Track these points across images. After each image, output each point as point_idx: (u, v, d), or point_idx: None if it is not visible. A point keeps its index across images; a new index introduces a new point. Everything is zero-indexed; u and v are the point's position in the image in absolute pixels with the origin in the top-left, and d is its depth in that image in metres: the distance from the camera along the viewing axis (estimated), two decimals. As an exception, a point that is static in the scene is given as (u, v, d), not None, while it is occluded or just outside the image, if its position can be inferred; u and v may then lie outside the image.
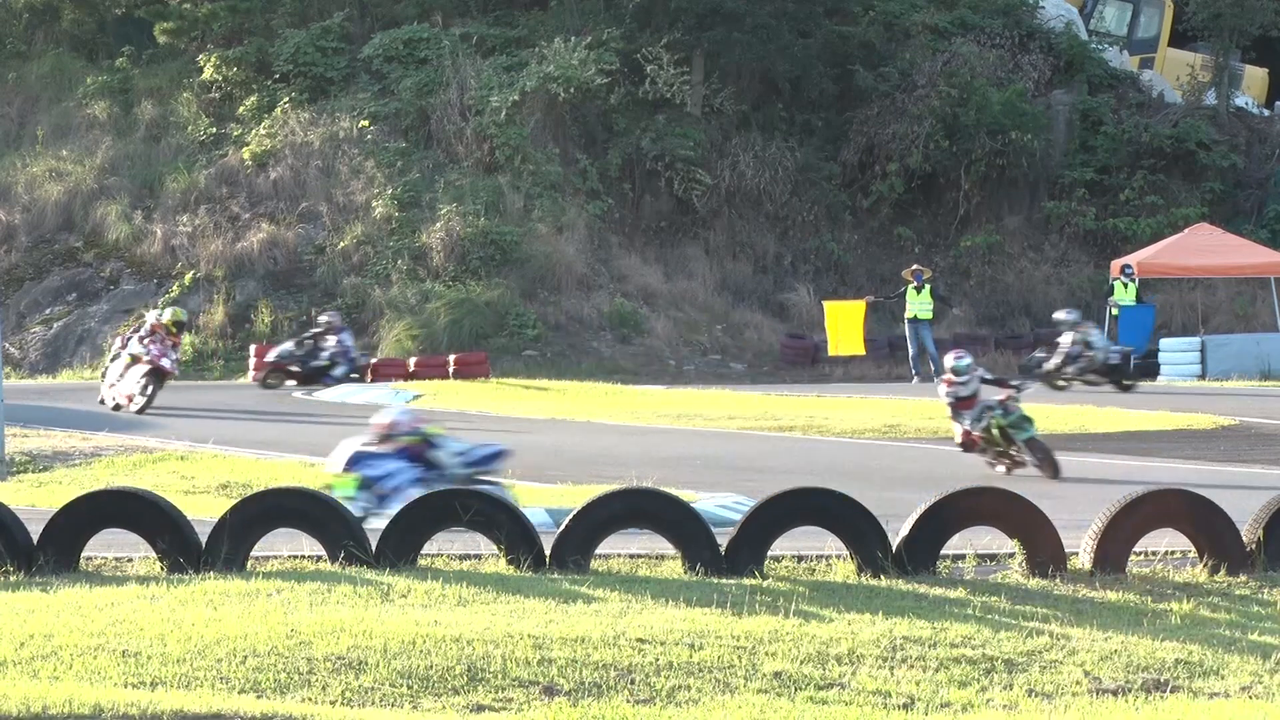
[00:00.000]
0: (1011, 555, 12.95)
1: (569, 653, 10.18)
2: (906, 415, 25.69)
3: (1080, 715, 9.48)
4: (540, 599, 11.56)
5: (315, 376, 32.08)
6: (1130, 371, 30.36)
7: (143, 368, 27.62)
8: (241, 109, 44.04)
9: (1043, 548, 12.70)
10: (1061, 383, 29.98)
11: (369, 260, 40.27)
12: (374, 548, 12.71)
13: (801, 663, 10.20)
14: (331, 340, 32.48)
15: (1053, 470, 19.15)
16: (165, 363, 27.63)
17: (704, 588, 11.99)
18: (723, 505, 16.12)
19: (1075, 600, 12.05)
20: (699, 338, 40.32)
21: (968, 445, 20.03)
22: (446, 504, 12.95)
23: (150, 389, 27.45)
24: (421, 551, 12.84)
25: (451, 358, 36.56)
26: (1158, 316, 37.68)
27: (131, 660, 9.83)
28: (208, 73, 44.60)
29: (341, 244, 40.75)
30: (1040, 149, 42.94)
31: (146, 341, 27.75)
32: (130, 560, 12.92)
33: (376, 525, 13.41)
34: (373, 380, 35.41)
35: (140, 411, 27.19)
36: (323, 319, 33.49)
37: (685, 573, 12.58)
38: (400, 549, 12.72)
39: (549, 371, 36.65)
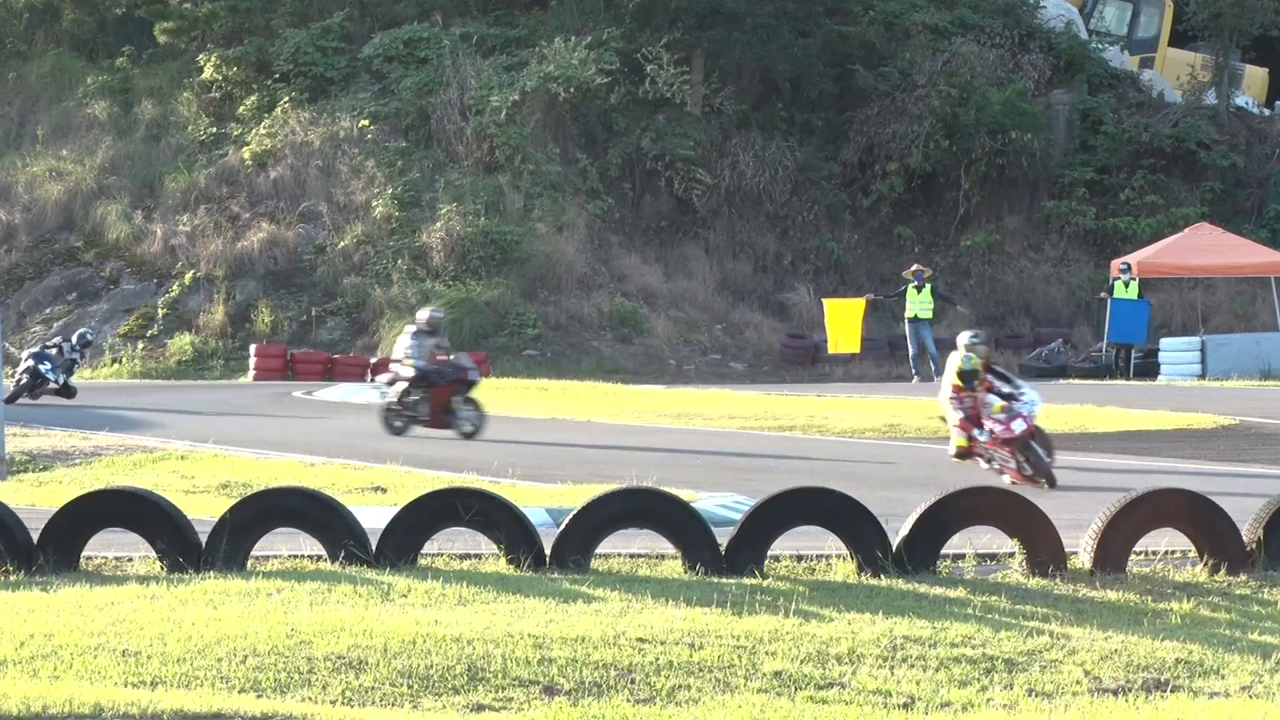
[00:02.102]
0: (1011, 555, 12.95)
1: (569, 652, 10.18)
2: (906, 415, 25.68)
3: (1080, 715, 9.48)
4: (540, 599, 11.56)
5: None
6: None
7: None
8: (241, 109, 44.06)
9: (1043, 547, 12.70)
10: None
11: (369, 260, 40.28)
12: (374, 547, 12.71)
13: (801, 662, 10.21)
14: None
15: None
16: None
17: (704, 587, 11.99)
18: (723, 505, 16.11)
19: (1075, 600, 12.04)
20: (699, 337, 40.32)
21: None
22: (447, 503, 12.96)
23: (1047, 450, 19.22)
24: (422, 551, 12.84)
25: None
26: (1157, 316, 37.69)
27: (131, 660, 9.83)
28: (208, 72, 44.62)
29: (342, 244, 40.76)
30: (1040, 149, 42.96)
31: (973, 403, 19.10)
32: (130, 560, 12.92)
33: None
34: (373, 379, 35.48)
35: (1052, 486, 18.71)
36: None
37: (685, 572, 12.58)
38: (400, 548, 12.72)
39: (549, 371, 36.66)
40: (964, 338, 19.01)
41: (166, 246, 41.54)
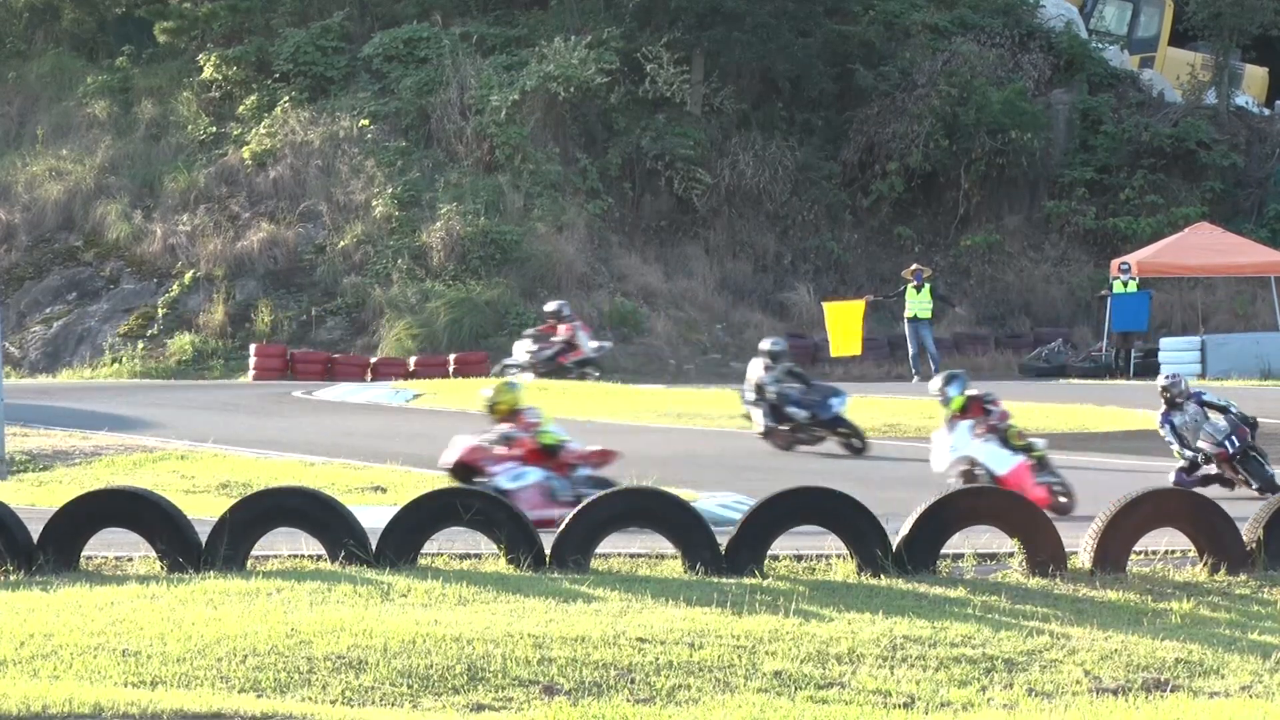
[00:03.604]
0: (1011, 555, 12.95)
1: (569, 652, 10.18)
2: (906, 415, 25.66)
3: (1080, 715, 9.48)
4: (540, 598, 11.56)
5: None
6: None
7: None
8: (241, 108, 44.04)
9: (1043, 547, 12.70)
10: None
11: (369, 259, 40.27)
12: (374, 547, 12.71)
13: (801, 662, 10.20)
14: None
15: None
16: None
17: (704, 587, 11.99)
18: (723, 505, 16.12)
19: (1075, 600, 12.04)
20: (699, 337, 40.31)
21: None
22: (447, 503, 12.96)
23: None
24: (421, 551, 12.84)
25: (451, 357, 36.61)
26: (1157, 316, 37.70)
27: (131, 659, 9.83)
28: (208, 72, 44.60)
29: (341, 243, 40.75)
30: (1040, 148, 42.94)
31: None
32: (130, 560, 12.92)
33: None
34: (373, 379, 35.49)
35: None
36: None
37: (685, 572, 12.58)
38: (400, 548, 12.72)
39: (549, 371, 36.58)
40: (1161, 379, 18.16)
41: (166, 246, 41.52)
